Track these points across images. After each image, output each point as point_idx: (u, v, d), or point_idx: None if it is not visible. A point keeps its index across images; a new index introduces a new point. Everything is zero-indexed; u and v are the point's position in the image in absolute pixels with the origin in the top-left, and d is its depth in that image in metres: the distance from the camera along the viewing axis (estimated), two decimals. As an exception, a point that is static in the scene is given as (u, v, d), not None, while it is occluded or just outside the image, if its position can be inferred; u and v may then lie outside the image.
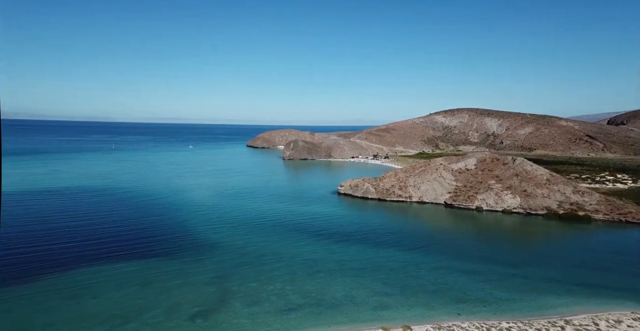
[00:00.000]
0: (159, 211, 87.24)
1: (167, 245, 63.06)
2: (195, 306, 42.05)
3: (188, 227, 74.11)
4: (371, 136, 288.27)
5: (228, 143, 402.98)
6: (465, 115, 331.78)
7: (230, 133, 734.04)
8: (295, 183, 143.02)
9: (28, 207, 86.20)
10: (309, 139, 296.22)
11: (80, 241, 62.87)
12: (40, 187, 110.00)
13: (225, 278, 50.15)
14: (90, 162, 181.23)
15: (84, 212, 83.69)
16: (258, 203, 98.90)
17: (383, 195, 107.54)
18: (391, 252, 62.84)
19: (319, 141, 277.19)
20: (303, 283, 49.33)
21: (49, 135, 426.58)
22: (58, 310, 39.95)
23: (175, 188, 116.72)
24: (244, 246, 63.88)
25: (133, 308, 41.07)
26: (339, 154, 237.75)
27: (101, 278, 48.08)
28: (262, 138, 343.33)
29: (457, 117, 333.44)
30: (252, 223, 78.67)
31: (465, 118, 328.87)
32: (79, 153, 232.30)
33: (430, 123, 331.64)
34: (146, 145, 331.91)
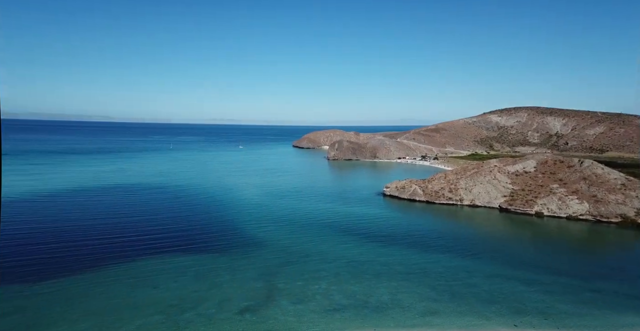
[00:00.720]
0: (211, 208, 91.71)
1: (218, 241, 66.05)
2: (244, 301, 43.53)
3: (237, 225, 77.06)
4: (419, 136, 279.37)
5: (275, 143, 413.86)
6: (523, 115, 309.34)
7: (277, 133, 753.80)
8: (340, 184, 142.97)
9: (100, 201, 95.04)
10: (354, 139, 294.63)
11: (142, 234, 67.92)
12: (110, 183, 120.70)
13: (271, 276, 51.31)
14: (150, 161, 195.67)
15: (146, 207, 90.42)
16: (304, 203, 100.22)
17: (431, 197, 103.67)
18: (440, 257, 60.29)
19: (364, 141, 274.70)
20: (348, 284, 49.01)
21: (116, 136, 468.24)
22: (123, 296, 43.47)
23: (226, 186, 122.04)
24: (289, 245, 65.01)
25: (188, 299, 43.52)
26: (384, 155, 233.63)
27: (160, 270, 51.45)
28: (307, 139, 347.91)
29: (515, 116, 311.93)
30: (298, 223, 79.85)
31: (523, 118, 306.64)
32: (142, 152, 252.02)
33: (484, 123, 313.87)
34: (200, 145, 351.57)
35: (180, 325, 37.79)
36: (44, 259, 54.14)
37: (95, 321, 37.54)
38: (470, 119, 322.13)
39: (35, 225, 71.82)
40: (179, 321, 38.59)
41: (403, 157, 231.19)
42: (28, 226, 70.86)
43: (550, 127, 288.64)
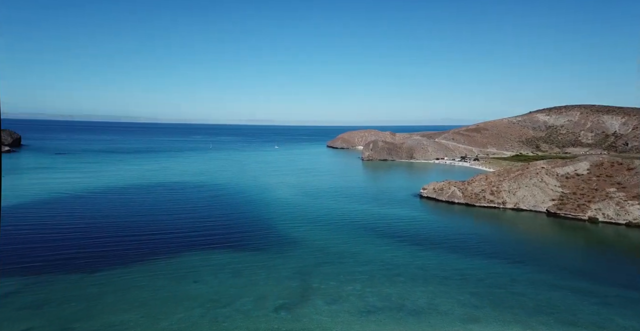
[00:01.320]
0: (248, 207, 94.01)
1: (255, 239, 67.53)
2: (279, 299, 44.10)
3: (273, 224, 78.37)
4: (459, 136, 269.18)
5: (309, 143, 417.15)
6: (575, 113, 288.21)
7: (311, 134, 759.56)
8: (375, 185, 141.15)
9: (145, 199, 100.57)
10: (390, 139, 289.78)
11: (183, 231, 71.00)
12: (154, 181, 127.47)
13: (306, 275, 51.63)
14: (191, 160, 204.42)
15: (187, 205, 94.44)
16: (338, 204, 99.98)
17: (471, 199, 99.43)
18: (481, 262, 57.60)
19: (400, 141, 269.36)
20: (383, 286, 48.17)
21: (160, 136, 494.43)
22: (167, 289, 45.62)
23: (262, 186, 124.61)
24: (324, 244, 65.08)
25: (226, 294, 44.83)
26: (421, 155, 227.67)
27: (200, 265, 53.45)
28: (342, 139, 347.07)
29: (565, 115, 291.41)
30: (332, 223, 79.78)
31: (575, 117, 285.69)
32: (183, 152, 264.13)
33: (530, 122, 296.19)
34: (237, 145, 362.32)
35: (219, 320, 39.00)
36: (96, 252, 58.06)
37: (143, 312, 39.69)
38: (514, 118, 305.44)
39: (88, 220, 77.32)
40: (217, 315, 39.85)
41: (441, 158, 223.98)
42: (83, 221, 76.39)
43: (607, 126, 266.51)
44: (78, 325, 36.83)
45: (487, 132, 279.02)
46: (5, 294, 42.53)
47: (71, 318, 37.73)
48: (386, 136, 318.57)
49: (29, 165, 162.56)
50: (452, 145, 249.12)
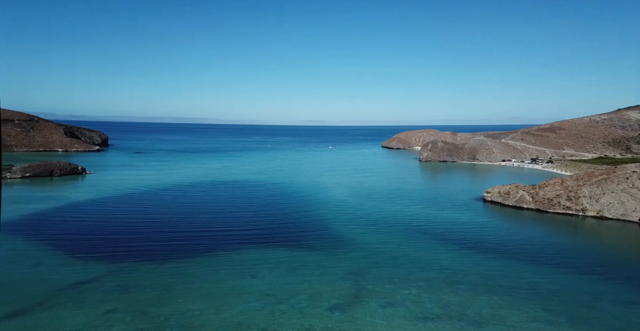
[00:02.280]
0: (303, 206, 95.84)
1: (309, 238, 68.64)
2: (333, 299, 44.30)
3: (327, 223, 78.99)
4: (529, 137, 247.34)
5: (364, 143, 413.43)
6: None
7: (366, 134, 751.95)
8: (434, 187, 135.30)
9: (209, 196, 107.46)
10: (450, 140, 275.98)
11: (242, 227, 74.58)
12: (217, 179, 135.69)
13: (360, 276, 51.22)
14: (251, 160, 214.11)
15: (246, 202, 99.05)
16: (394, 205, 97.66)
17: (543, 205, 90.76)
18: (555, 273, 52.34)
19: (461, 142, 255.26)
20: (441, 292, 45.99)
21: (223, 136, 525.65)
22: (228, 282, 48.27)
23: (317, 185, 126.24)
24: (378, 246, 64.05)
25: (282, 291, 46.17)
26: (485, 157, 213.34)
27: (258, 261, 55.70)
28: (398, 139, 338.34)
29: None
30: (386, 224, 78.18)
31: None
32: (243, 151, 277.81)
33: (618, 120, 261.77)
34: (293, 145, 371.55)
35: (275, 315, 40.29)
36: (167, 244, 63.31)
37: (207, 302, 42.49)
38: (598, 117, 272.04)
39: (160, 214, 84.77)
40: (274, 310, 41.19)
41: (508, 160, 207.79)
42: (156, 215, 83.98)
43: None
44: (153, 309, 40.52)
45: (563, 132, 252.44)
46: (95, 278, 48.31)
47: (147, 303, 41.65)
48: (446, 136, 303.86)
49: (114, 162, 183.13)
50: (521, 146, 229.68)
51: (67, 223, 73.85)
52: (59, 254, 56.44)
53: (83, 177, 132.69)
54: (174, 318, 38.84)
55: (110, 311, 39.58)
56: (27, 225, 71.43)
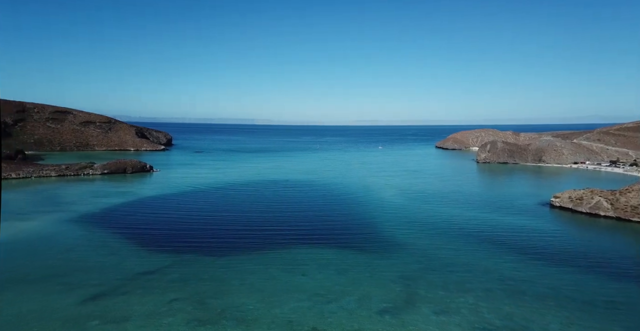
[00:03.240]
0: (352, 207, 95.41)
1: (359, 239, 68.12)
2: (383, 302, 43.50)
3: (377, 225, 77.77)
4: (607, 137, 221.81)
5: (416, 144, 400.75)
6: None
7: (418, 133, 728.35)
8: (493, 190, 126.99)
9: (262, 194, 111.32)
10: (511, 140, 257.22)
11: (293, 226, 76.11)
12: (269, 178, 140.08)
13: (411, 280, 49.74)
14: (301, 160, 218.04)
15: (297, 202, 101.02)
16: (448, 208, 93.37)
17: (625, 213, 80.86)
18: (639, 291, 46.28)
19: (524, 142, 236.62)
20: (502, 303, 43.01)
21: (275, 137, 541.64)
22: (279, 279, 49.59)
23: (367, 186, 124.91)
24: (430, 250, 61.69)
25: (332, 291, 46.36)
26: (553, 158, 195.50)
27: (308, 260, 56.50)
28: (453, 139, 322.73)
29: None
30: (440, 229, 74.98)
31: None
32: (293, 151, 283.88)
33: None
34: (342, 145, 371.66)
35: (325, 314, 40.57)
36: (223, 240, 66.73)
37: (259, 298, 44.08)
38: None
39: (217, 211, 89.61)
40: (324, 310, 41.50)
41: (582, 162, 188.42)
42: (212, 212, 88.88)
43: None
44: (211, 301, 43.00)
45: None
46: (160, 268, 52.46)
47: (205, 295, 44.29)
48: (507, 136, 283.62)
49: (177, 161, 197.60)
50: (598, 147, 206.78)
51: (137, 217, 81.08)
52: (130, 245, 62.16)
53: (150, 175, 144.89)
54: (229, 310, 40.82)
55: (173, 300, 42.71)
56: (104, 218, 79.66)
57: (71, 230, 69.95)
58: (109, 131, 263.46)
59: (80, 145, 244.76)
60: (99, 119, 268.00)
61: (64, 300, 42.17)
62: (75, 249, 59.36)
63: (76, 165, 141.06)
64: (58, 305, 41.12)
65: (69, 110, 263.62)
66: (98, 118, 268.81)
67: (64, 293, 43.63)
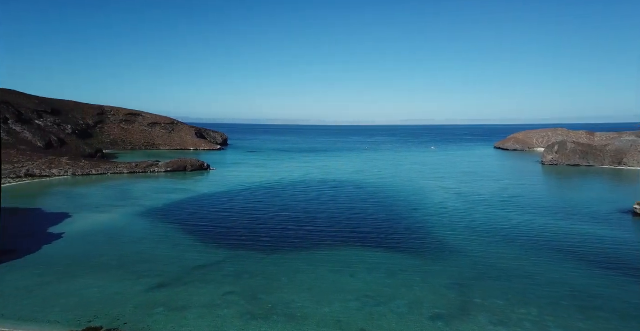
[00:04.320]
0: (402, 209, 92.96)
1: (409, 242, 66.14)
2: (435, 308, 41.80)
3: (429, 228, 74.95)
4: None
5: (472, 144, 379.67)
6: None
7: (474, 133, 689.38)
8: (561, 195, 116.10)
9: (309, 194, 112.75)
10: (585, 140, 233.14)
11: (340, 227, 75.94)
12: (317, 178, 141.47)
13: (466, 287, 47.23)
14: (349, 160, 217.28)
15: (344, 202, 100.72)
16: (508, 213, 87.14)
17: None
18: None
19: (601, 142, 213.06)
20: (572, 318, 39.12)
21: (324, 137, 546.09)
22: (326, 279, 49.81)
23: (418, 188, 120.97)
24: (487, 257, 58.00)
25: (381, 293, 45.52)
26: (638, 161, 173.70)
27: (356, 261, 56.05)
28: (515, 139, 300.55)
29: None
30: (499, 234, 70.21)
31: None
32: (342, 151, 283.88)
33: None
34: (392, 146, 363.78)
35: (374, 317, 39.96)
36: (273, 238, 68.56)
37: (308, 296, 44.66)
38: None
39: (267, 209, 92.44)
40: (373, 312, 40.89)
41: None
42: (262, 210, 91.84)
43: None
44: (262, 296, 44.46)
45: None
46: (216, 262, 55.42)
47: (257, 290, 45.89)
48: (579, 136, 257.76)
49: (232, 160, 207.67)
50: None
51: (194, 213, 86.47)
52: (189, 239, 66.47)
53: (208, 173, 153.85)
54: (280, 307, 41.86)
55: (227, 294, 44.84)
56: (166, 212, 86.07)
57: (138, 223, 76.54)
58: (172, 132, 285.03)
59: (147, 144, 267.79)
60: (163, 121, 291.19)
61: (134, 287, 46.25)
62: (142, 241, 64.84)
63: (144, 163, 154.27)
64: (129, 291, 45.18)
65: (138, 113, 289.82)
66: (163, 120, 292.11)
67: (134, 281, 47.86)
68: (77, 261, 54.60)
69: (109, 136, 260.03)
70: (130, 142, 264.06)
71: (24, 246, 60.49)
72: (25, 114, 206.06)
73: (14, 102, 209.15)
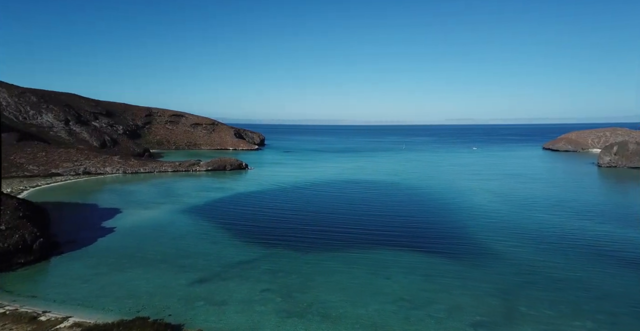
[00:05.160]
0: (441, 211, 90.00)
1: (448, 246, 63.86)
2: (477, 315, 40.03)
3: (469, 231, 71.96)
4: None
5: (518, 145, 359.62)
6: None
7: (520, 133, 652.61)
8: (620, 199, 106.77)
9: (343, 195, 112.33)
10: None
11: (376, 228, 74.83)
12: (351, 179, 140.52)
13: (510, 294, 44.82)
14: (384, 160, 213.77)
15: (379, 203, 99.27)
16: (559, 218, 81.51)
17: None
18: None
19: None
20: (632, 336, 35.76)
21: (359, 137, 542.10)
22: (362, 280, 49.34)
23: (458, 190, 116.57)
24: (534, 264, 54.58)
25: (418, 297, 44.32)
26: None
27: (392, 263, 55.02)
28: (566, 140, 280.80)
29: None
30: (548, 240, 65.85)
31: None
32: (376, 152, 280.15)
33: None
34: (431, 146, 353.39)
35: (411, 320, 39.01)
36: (307, 237, 69.04)
37: (343, 296, 44.49)
38: None
39: (301, 209, 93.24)
40: (410, 316, 39.93)
41: None
42: (296, 209, 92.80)
43: None
44: (297, 295, 44.94)
45: None
46: (253, 259, 56.81)
47: (293, 289, 46.44)
48: None
49: (268, 160, 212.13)
50: None
51: (233, 211, 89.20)
52: (227, 236, 68.69)
53: (246, 172, 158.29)
54: (315, 306, 42.05)
55: (264, 291, 45.79)
56: (206, 210, 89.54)
57: (181, 219, 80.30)
58: (212, 132, 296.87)
59: (190, 144, 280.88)
60: (205, 121, 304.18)
61: (177, 280, 48.58)
62: (184, 236, 67.95)
63: (186, 162, 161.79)
64: (173, 284, 47.54)
65: (182, 114, 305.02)
66: (204, 121, 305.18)
67: (178, 274, 50.28)
68: (127, 253, 58.33)
69: (155, 136, 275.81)
70: (174, 142, 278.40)
71: (81, 238, 65.66)
72: (84, 116, 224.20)
73: (74, 105, 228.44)
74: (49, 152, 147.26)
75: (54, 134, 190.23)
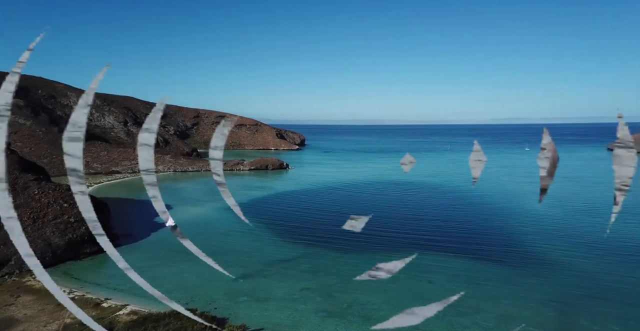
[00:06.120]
0: (488, 215, 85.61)
1: (496, 251, 60.44)
2: (529, 326, 37.47)
3: (519, 237, 67.58)
4: None
5: (578, 145, 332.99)
6: None
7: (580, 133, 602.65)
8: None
9: (384, 196, 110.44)
10: None
11: (416, 231, 72.69)
12: (391, 180, 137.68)
13: (567, 306, 41.49)
14: (427, 161, 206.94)
15: (421, 206, 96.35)
16: (626, 226, 73.83)
17: None
18: None
19: None
20: None
21: (401, 137, 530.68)
22: (403, 283, 47.95)
23: (508, 192, 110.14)
24: (597, 275, 50.02)
25: (464, 304, 42.28)
26: None
27: (434, 268, 53.03)
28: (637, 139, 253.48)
29: None
30: (612, 250, 59.98)
31: None
32: (420, 152, 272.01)
33: None
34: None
35: (456, 327, 37.41)
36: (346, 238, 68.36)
37: (384, 299, 43.78)
38: None
39: (340, 209, 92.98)
40: (454, 323, 38.27)
41: None
42: (336, 209, 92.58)
43: None
44: (337, 294, 44.88)
45: None
46: (293, 258, 57.68)
47: (332, 288, 46.47)
48: None
49: (308, 160, 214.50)
50: None
51: (274, 209, 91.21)
52: (269, 234, 70.29)
53: (287, 172, 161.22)
54: (355, 307, 41.69)
55: (304, 289, 46.22)
56: (249, 207, 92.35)
57: (226, 216, 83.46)
58: (256, 133, 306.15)
59: (234, 144, 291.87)
60: (248, 122, 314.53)
61: (222, 275, 49.84)
62: (229, 233, 70.56)
63: (231, 162, 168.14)
64: (219, 278, 49.42)
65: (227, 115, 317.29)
66: (248, 121, 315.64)
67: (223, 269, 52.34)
68: (176, 247, 61.57)
69: (202, 136, 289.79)
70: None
71: (136, 231, 70.63)
72: (140, 118, 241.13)
73: (132, 107, 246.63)
74: (110, 152, 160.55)
75: (114, 135, 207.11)
